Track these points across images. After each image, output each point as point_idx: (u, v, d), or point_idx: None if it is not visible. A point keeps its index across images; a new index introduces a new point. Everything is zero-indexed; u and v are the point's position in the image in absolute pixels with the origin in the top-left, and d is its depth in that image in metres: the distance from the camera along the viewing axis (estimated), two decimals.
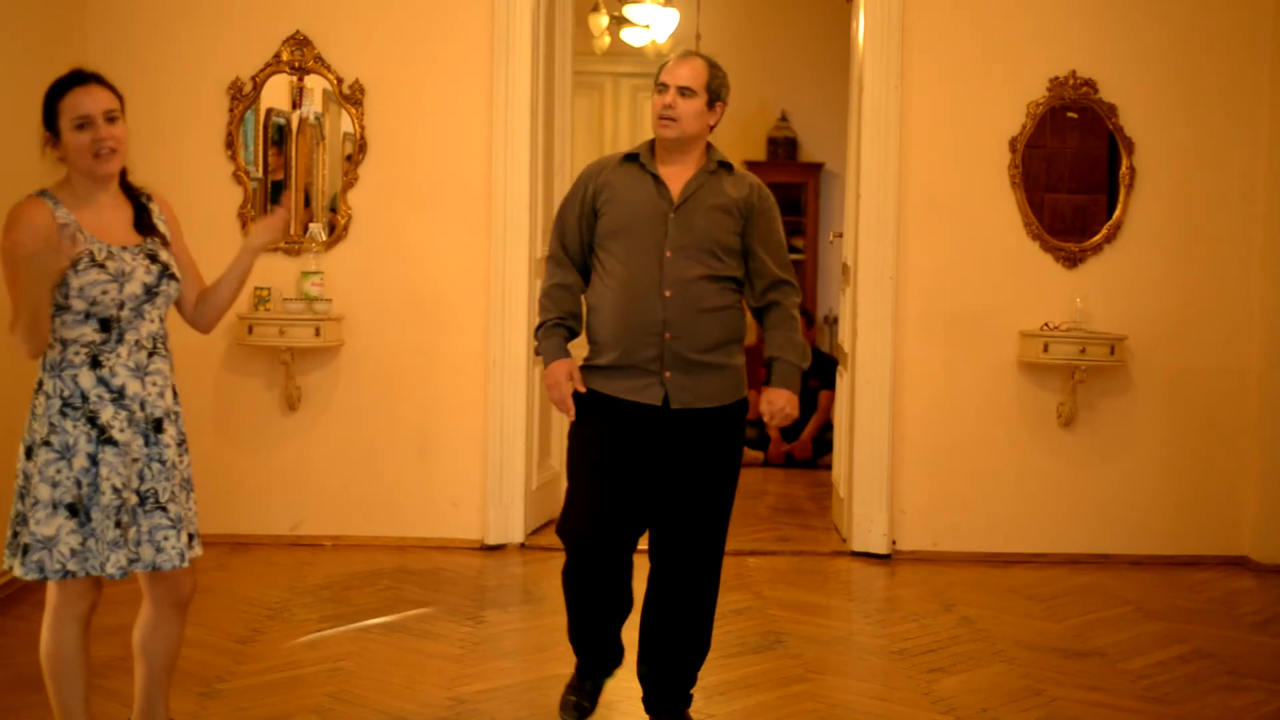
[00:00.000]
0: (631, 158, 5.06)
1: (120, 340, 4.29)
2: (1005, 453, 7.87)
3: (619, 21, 12.61)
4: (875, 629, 6.65)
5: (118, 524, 4.24)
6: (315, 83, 7.81)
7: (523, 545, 7.84)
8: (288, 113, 7.88)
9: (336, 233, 7.77)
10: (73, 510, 4.21)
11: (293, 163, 7.95)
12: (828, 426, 10.25)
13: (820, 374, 10.59)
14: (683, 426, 4.94)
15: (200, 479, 5.13)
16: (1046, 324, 7.75)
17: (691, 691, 5.29)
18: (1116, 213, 7.83)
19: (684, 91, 4.94)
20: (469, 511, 7.85)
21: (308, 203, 7.92)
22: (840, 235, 8.69)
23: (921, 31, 7.78)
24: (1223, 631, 6.67)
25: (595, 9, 12.46)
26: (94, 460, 4.23)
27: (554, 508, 8.33)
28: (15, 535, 4.26)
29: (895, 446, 7.85)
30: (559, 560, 7.50)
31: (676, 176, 4.99)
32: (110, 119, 4.28)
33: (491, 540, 7.81)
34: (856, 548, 7.87)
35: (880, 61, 7.78)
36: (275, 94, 7.82)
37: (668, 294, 4.88)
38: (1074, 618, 6.81)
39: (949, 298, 7.84)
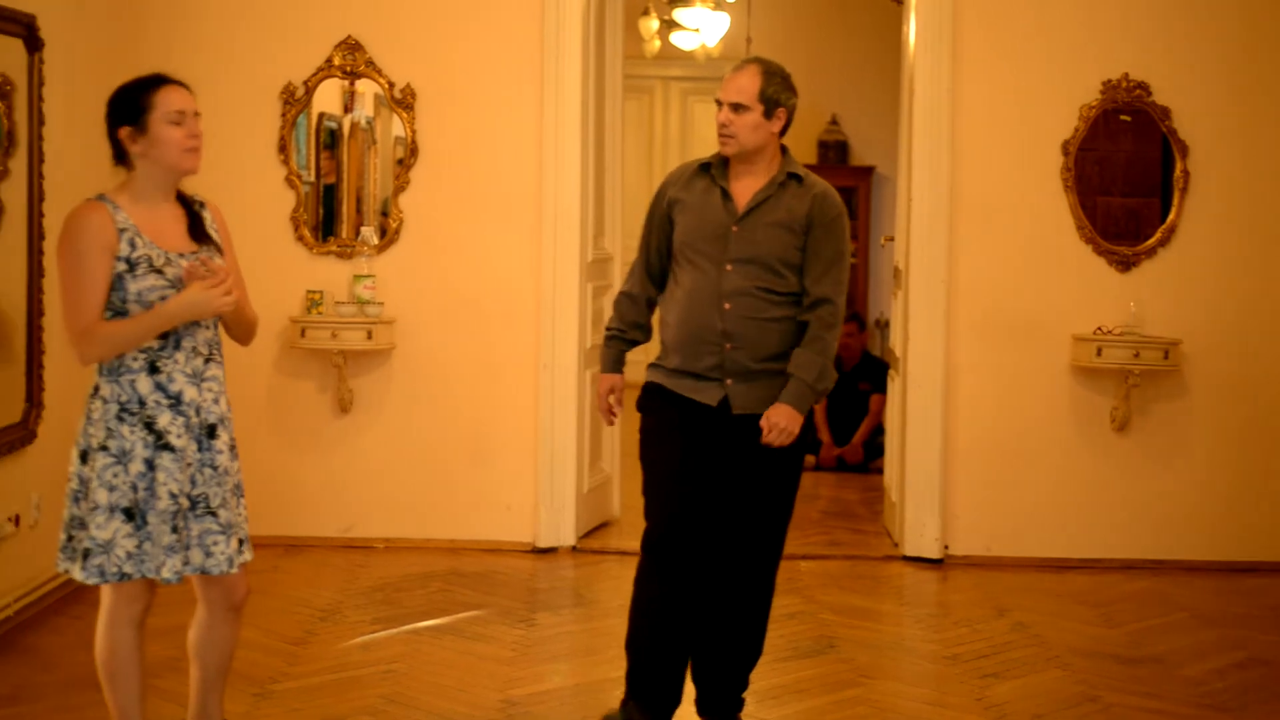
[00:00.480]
0: (705, 167, 5.09)
1: (178, 346, 4.30)
2: (1058, 457, 7.82)
3: (669, 25, 12.62)
4: (927, 634, 6.62)
5: (174, 529, 4.26)
6: (367, 87, 7.84)
7: (574, 548, 7.84)
8: (339, 117, 7.91)
9: (388, 236, 7.80)
10: (129, 514, 4.22)
11: (344, 166, 7.98)
12: (879, 430, 10.21)
13: (871, 377, 10.56)
14: (744, 431, 4.96)
15: (253, 481, 5.17)
16: (1100, 328, 7.70)
17: (744, 695, 5.29)
18: (1170, 216, 7.77)
19: (736, 108, 4.94)
20: (521, 514, 7.85)
21: (359, 206, 7.96)
22: (891, 239, 8.66)
23: (973, 33, 7.74)
24: None
25: (645, 13, 12.48)
26: (150, 465, 4.24)
27: (605, 511, 8.33)
28: (70, 539, 4.28)
29: (947, 450, 7.81)
30: (610, 563, 7.60)
31: (745, 189, 5.02)
32: (195, 117, 4.35)
33: (543, 543, 7.81)
34: (909, 552, 7.83)
35: (931, 64, 7.75)
36: (327, 98, 7.85)
37: (727, 306, 4.94)
38: (1130, 624, 6.76)
39: (1001, 301, 7.80)
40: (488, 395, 7.83)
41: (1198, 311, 7.77)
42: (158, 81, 4.30)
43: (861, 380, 10.61)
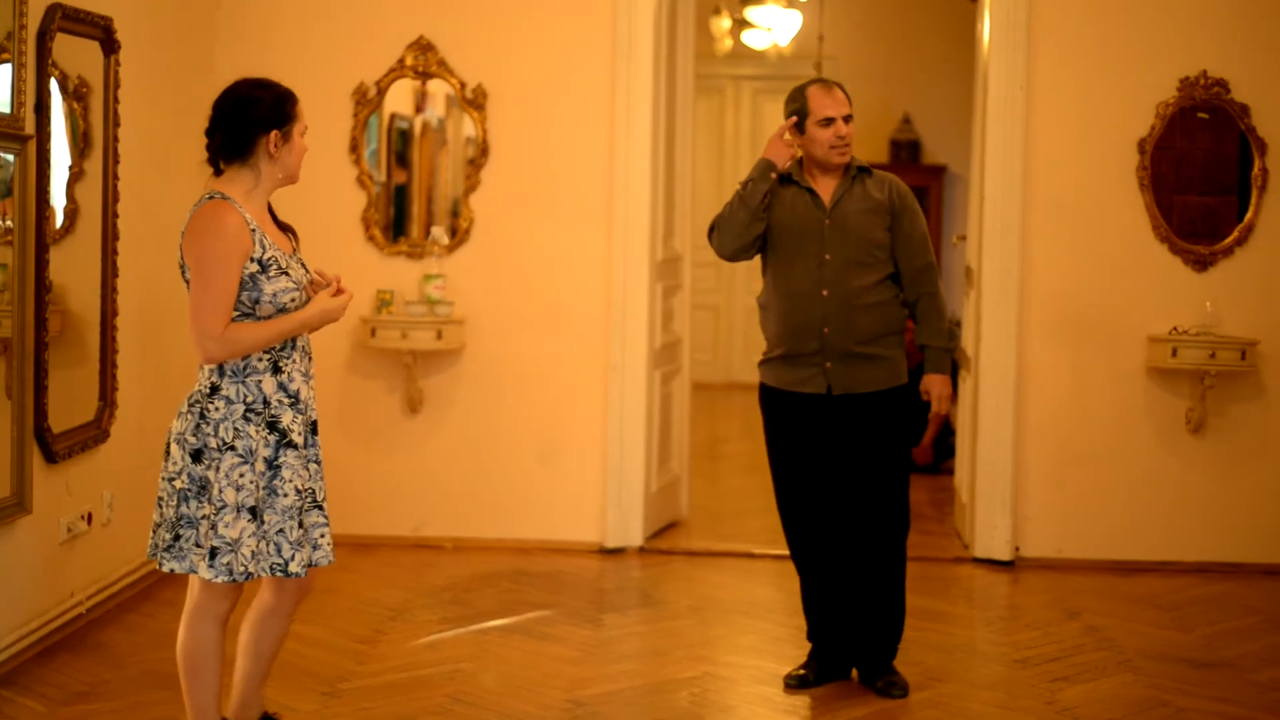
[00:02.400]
0: (785, 178, 5.60)
1: (294, 346, 4.43)
2: (1132, 459, 7.74)
3: (741, 24, 12.61)
4: (998, 637, 6.57)
5: (301, 524, 4.39)
6: (438, 87, 7.87)
7: (641, 549, 7.83)
8: (411, 117, 7.95)
9: (458, 236, 7.82)
10: (254, 513, 4.30)
11: (415, 167, 8.02)
12: (949, 431, 10.15)
13: None
14: (847, 411, 5.57)
15: None
16: (1175, 328, 7.62)
17: (898, 647, 5.77)
18: (1248, 215, 7.67)
19: (848, 119, 5.53)
20: (588, 515, 7.86)
21: (430, 206, 7.99)
22: (964, 238, 8.61)
23: (1048, 32, 7.67)
24: None
25: (717, 12, 12.48)
26: (270, 464, 4.34)
27: (673, 511, 8.32)
28: (178, 538, 4.33)
29: (1019, 452, 7.75)
30: (678, 564, 7.62)
31: (826, 187, 5.60)
32: None
33: (611, 544, 7.81)
34: (979, 554, 7.78)
35: (1005, 62, 7.69)
36: (398, 98, 7.89)
37: (825, 293, 5.51)
38: (1202, 627, 6.69)
39: (1075, 301, 7.73)
40: (557, 395, 7.84)
41: (1276, 312, 7.67)
42: (294, 95, 4.47)
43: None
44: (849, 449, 5.59)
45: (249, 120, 4.38)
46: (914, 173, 13.59)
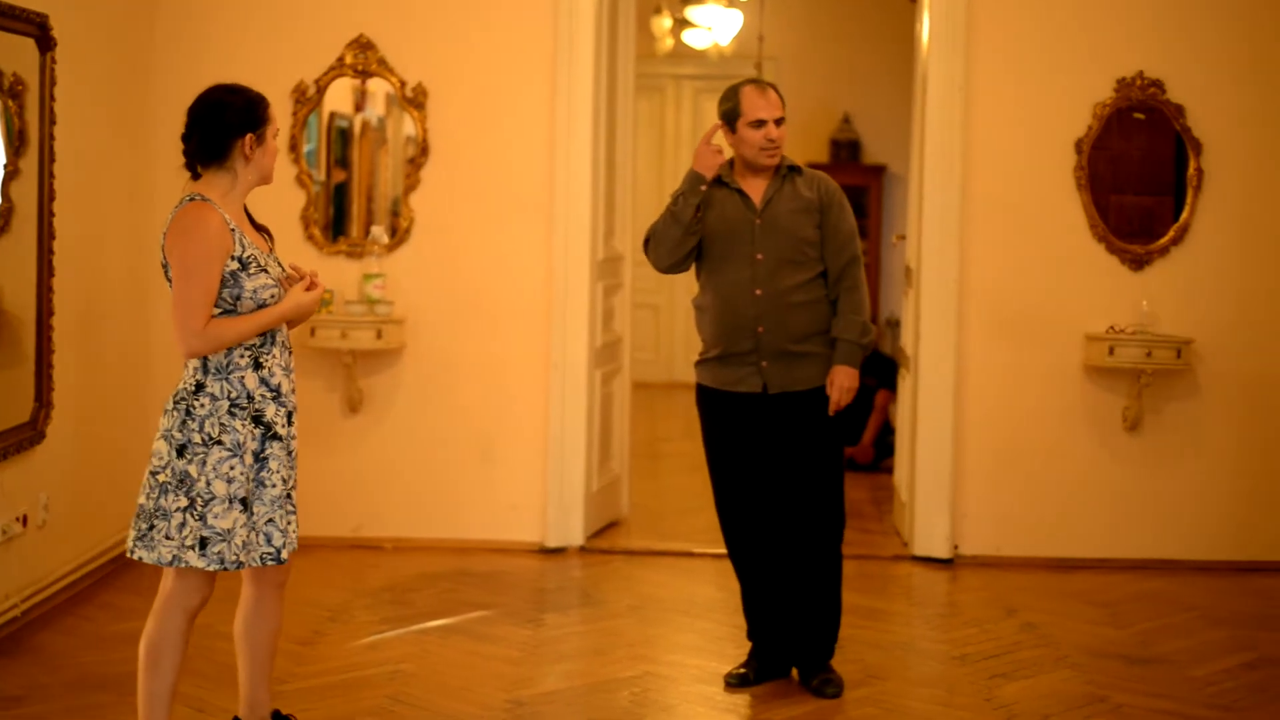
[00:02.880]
0: (715, 180, 5.61)
1: (274, 342, 4.56)
2: (1070, 457, 7.80)
3: (681, 23, 12.62)
4: (937, 634, 6.61)
5: (288, 511, 4.55)
6: (378, 86, 7.84)
7: (582, 548, 7.83)
8: (350, 116, 7.92)
9: (398, 235, 7.79)
10: (245, 504, 4.43)
11: (355, 166, 7.99)
12: (889, 430, 10.20)
13: (878, 374, 10.54)
14: (783, 409, 5.61)
15: None
16: (1112, 327, 7.68)
17: (834, 646, 5.80)
18: (1184, 215, 7.74)
19: (779, 122, 5.58)
20: (529, 514, 7.85)
21: (370, 205, 7.96)
22: (903, 238, 8.65)
23: (986, 32, 7.72)
24: None
25: (658, 11, 12.49)
26: (257, 457, 4.47)
27: (614, 511, 8.32)
28: (152, 528, 4.41)
29: (958, 450, 7.79)
30: (619, 563, 7.63)
31: (756, 188, 5.65)
32: None
33: (551, 543, 7.81)
34: (918, 552, 7.82)
35: (944, 62, 7.73)
36: (338, 97, 7.85)
37: (758, 293, 5.55)
38: (1139, 624, 6.74)
39: (1013, 300, 7.78)
40: (497, 395, 7.83)
41: (1211, 310, 7.74)
42: (265, 99, 4.57)
43: (869, 376, 10.58)
44: (785, 447, 5.63)
45: (224, 125, 4.49)
46: (854, 172, 13.64)
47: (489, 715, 5.38)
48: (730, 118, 5.58)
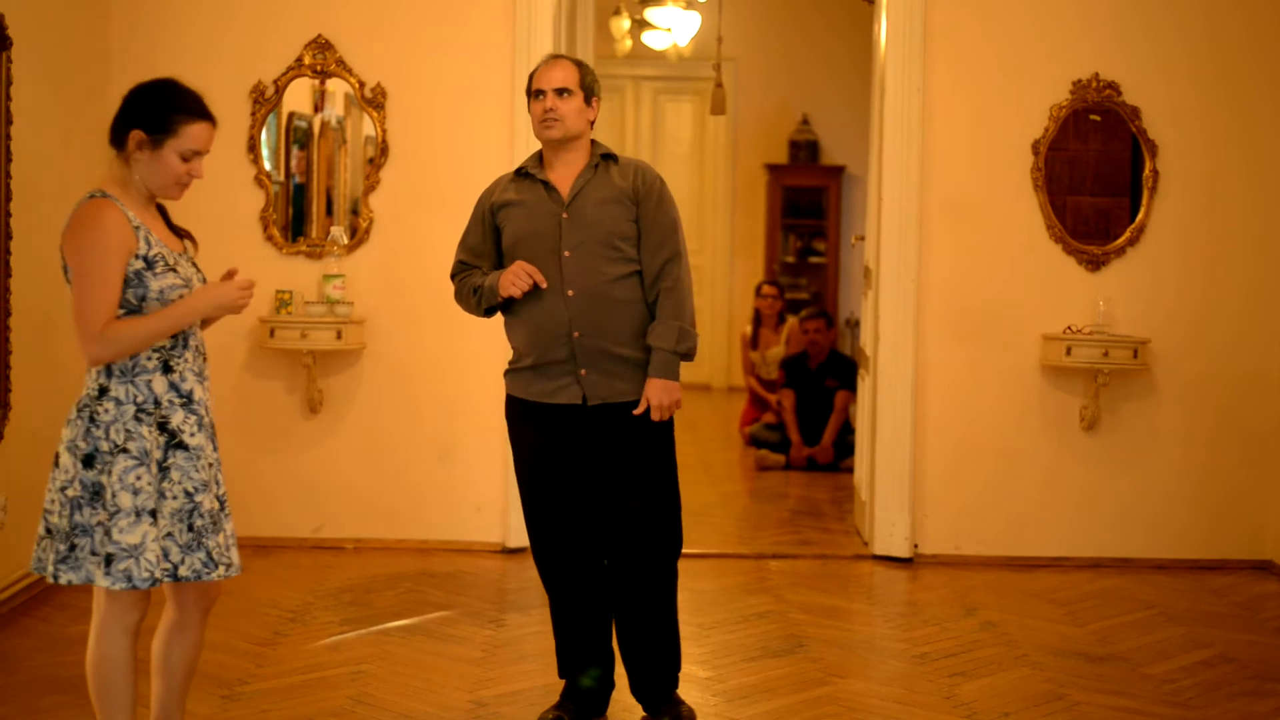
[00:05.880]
0: (520, 172, 5.21)
1: (185, 345, 4.29)
2: (1028, 456, 7.84)
3: (640, 25, 12.63)
4: (897, 633, 6.63)
5: (190, 527, 4.25)
6: (337, 86, 7.82)
7: None
8: (309, 116, 7.90)
9: (358, 236, 7.78)
10: (154, 516, 4.17)
11: (314, 166, 7.96)
12: (849, 429, 10.23)
13: (839, 374, 10.58)
14: (605, 422, 5.08)
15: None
16: (1069, 327, 7.73)
17: (678, 676, 5.34)
18: (1139, 216, 7.80)
19: (561, 92, 5.09)
20: (490, 515, 7.84)
21: (329, 206, 7.94)
22: (862, 238, 8.68)
23: (944, 34, 7.76)
24: (1247, 636, 6.63)
25: (617, 12, 12.49)
26: (160, 465, 4.21)
27: None
28: (73, 548, 4.18)
29: (917, 450, 7.83)
30: None
31: (565, 178, 5.14)
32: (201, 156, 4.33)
33: (513, 544, 7.80)
34: (878, 551, 7.85)
35: (902, 64, 7.76)
36: (297, 98, 7.84)
37: (570, 293, 5.01)
38: (1097, 622, 6.79)
39: (971, 301, 7.82)
40: (456, 395, 7.82)
41: (1167, 311, 7.80)
42: (196, 113, 4.26)
43: (829, 377, 10.63)
44: (609, 462, 5.10)
45: (124, 110, 4.27)
46: (812, 173, 13.71)
47: (451, 715, 5.38)
48: (527, 93, 5.24)
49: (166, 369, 4.23)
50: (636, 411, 5.04)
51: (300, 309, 7.65)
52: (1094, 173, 7.85)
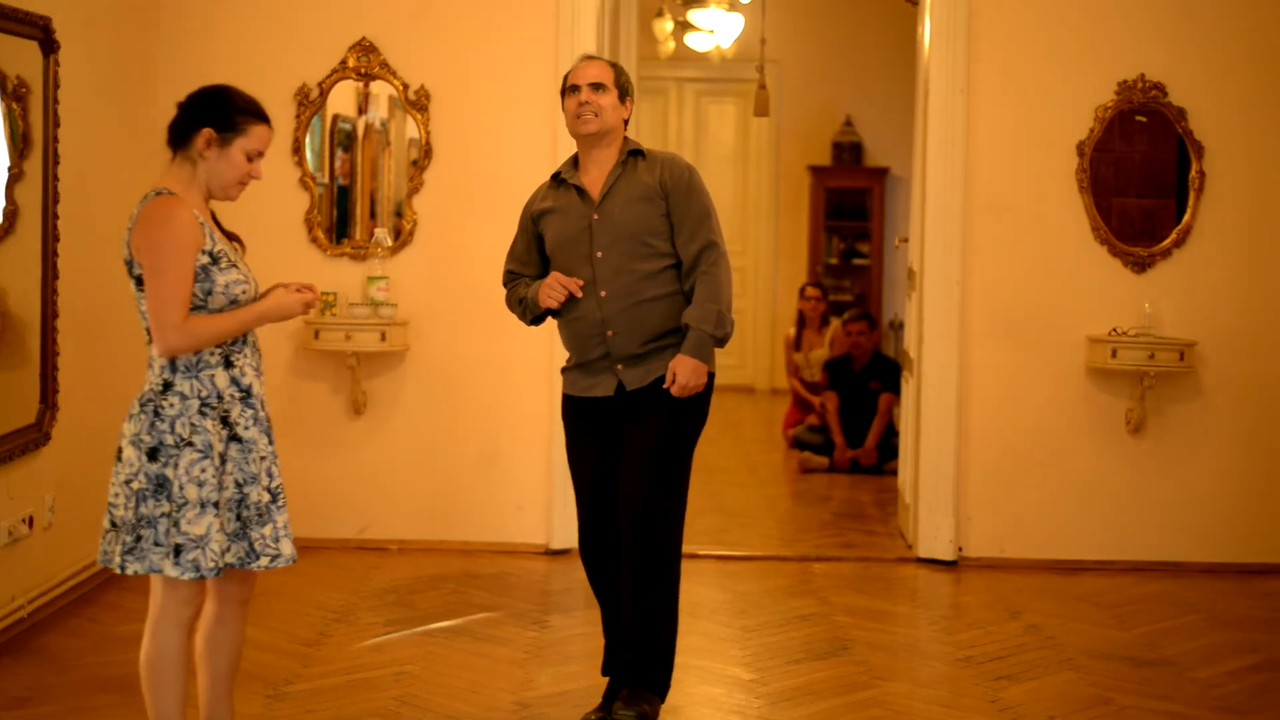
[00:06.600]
0: (556, 177, 5.29)
1: (245, 341, 4.41)
2: (1073, 459, 7.80)
3: (683, 26, 12.63)
4: (941, 636, 6.61)
5: (238, 516, 4.37)
6: (381, 89, 7.84)
7: None
8: (354, 119, 7.92)
9: (402, 238, 7.80)
10: (217, 507, 4.29)
11: (358, 168, 7.99)
12: (893, 432, 10.21)
13: (882, 376, 10.56)
14: (638, 402, 5.15)
15: None
16: (1115, 329, 7.69)
17: (655, 669, 5.21)
18: (1186, 217, 7.75)
19: (596, 87, 5.14)
20: (534, 516, 7.85)
21: (373, 208, 7.97)
22: (905, 240, 8.65)
23: (988, 34, 7.73)
24: None
25: (660, 14, 12.48)
26: (222, 458, 4.33)
27: None
28: (139, 539, 4.27)
29: (961, 452, 7.80)
30: None
31: (595, 180, 5.20)
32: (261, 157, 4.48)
33: (556, 545, 7.81)
34: (922, 554, 7.82)
35: (946, 65, 7.73)
36: (341, 100, 7.86)
37: (603, 294, 5.10)
38: (1143, 626, 6.75)
39: (1016, 303, 7.78)
40: (501, 397, 7.83)
41: (1213, 313, 7.75)
42: (260, 115, 4.41)
43: (872, 379, 10.61)
44: (632, 426, 5.15)
45: (191, 110, 4.38)
46: (856, 175, 13.68)
47: (495, 717, 5.39)
48: (561, 93, 5.29)
49: (228, 364, 4.35)
50: (665, 385, 5.07)
51: (345, 311, 7.68)
52: (1139, 174, 7.81)
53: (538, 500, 7.83)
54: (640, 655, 5.18)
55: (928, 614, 7.06)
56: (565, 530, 7.77)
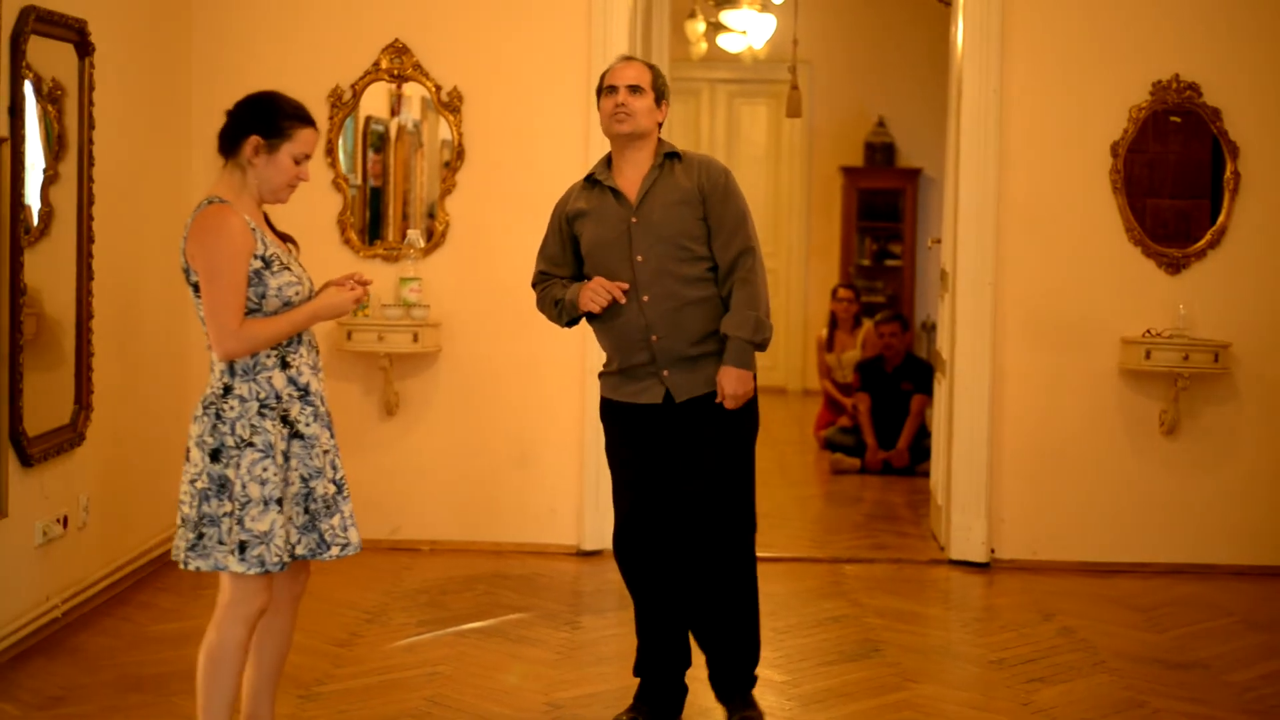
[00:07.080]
0: (590, 178, 5.28)
1: (300, 341, 4.52)
2: (1106, 461, 7.77)
3: (715, 27, 12.62)
4: (973, 638, 6.60)
5: (306, 510, 4.48)
6: (413, 90, 7.86)
7: None
8: (386, 120, 7.95)
9: (434, 239, 7.82)
10: (281, 504, 4.39)
11: (391, 170, 8.01)
12: (925, 433, 10.18)
13: (914, 378, 10.54)
14: (689, 415, 5.13)
15: None
16: (1149, 330, 7.65)
17: (756, 673, 5.35)
18: (1220, 218, 7.71)
19: (633, 89, 5.15)
20: (566, 518, 7.86)
21: (406, 209, 7.98)
22: (938, 241, 8.63)
23: (1021, 35, 7.71)
24: None
25: (692, 15, 12.48)
26: (285, 455, 4.44)
27: None
28: (201, 537, 4.38)
29: (994, 454, 7.77)
30: None
31: (633, 181, 5.20)
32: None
33: (588, 546, 7.81)
34: (954, 556, 7.80)
35: (979, 65, 7.71)
36: (374, 102, 7.89)
37: (646, 298, 5.09)
38: (1177, 629, 6.72)
39: (1049, 304, 7.76)
40: (533, 398, 7.84)
41: (1248, 314, 7.71)
42: (305, 119, 4.50)
43: (905, 380, 10.59)
44: (689, 451, 5.14)
45: (239, 118, 4.49)
46: (888, 176, 13.65)
47: (526, 717, 5.40)
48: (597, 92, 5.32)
49: (284, 365, 4.47)
50: (717, 400, 5.08)
51: (377, 312, 7.70)
52: (1174, 175, 7.77)
53: (569, 501, 7.84)
54: (741, 663, 5.29)
55: (960, 616, 7.04)
56: (597, 532, 7.78)
